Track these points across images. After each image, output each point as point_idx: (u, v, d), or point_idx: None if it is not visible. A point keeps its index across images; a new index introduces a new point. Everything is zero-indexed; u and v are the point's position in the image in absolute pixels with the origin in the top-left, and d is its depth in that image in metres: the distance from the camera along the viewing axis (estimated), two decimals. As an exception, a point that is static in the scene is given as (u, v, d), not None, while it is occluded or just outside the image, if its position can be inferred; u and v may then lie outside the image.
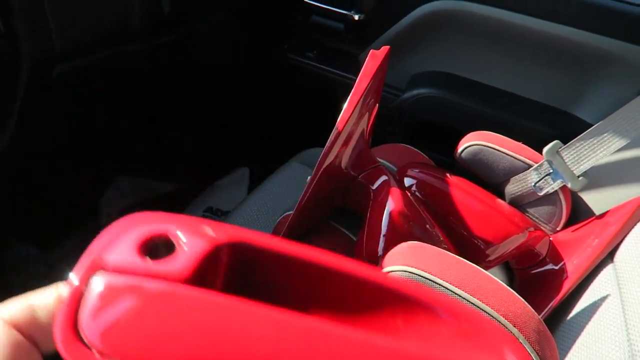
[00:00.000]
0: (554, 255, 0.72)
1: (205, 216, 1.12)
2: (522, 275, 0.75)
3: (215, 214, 1.10)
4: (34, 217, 1.06)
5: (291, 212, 0.65)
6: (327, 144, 0.57)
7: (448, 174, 0.75)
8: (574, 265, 0.68)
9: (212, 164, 1.29)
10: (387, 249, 0.52)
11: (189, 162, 1.26)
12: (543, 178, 0.73)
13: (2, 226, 1.02)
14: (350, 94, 0.59)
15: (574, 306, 0.66)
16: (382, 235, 0.55)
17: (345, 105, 0.58)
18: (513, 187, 0.76)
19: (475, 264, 0.70)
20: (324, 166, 0.57)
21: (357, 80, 0.59)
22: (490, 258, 0.68)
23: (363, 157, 0.63)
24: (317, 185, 0.58)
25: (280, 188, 0.85)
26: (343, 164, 0.60)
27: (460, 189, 0.72)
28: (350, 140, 0.59)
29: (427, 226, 0.62)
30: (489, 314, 0.43)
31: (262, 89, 1.22)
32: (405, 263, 0.47)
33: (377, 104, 0.65)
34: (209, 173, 1.27)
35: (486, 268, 0.70)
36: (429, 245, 0.49)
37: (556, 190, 0.73)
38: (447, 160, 0.85)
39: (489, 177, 0.79)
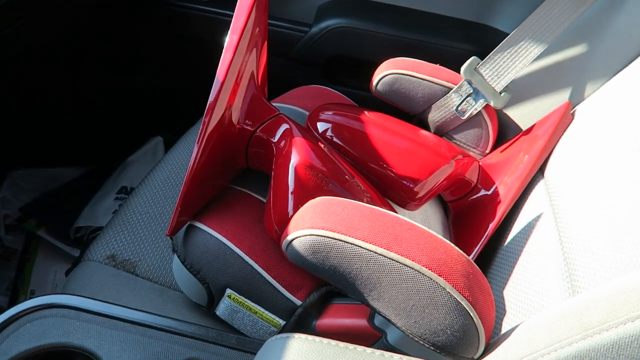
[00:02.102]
0: (486, 180, 0.68)
1: (118, 198, 1.00)
2: (456, 207, 0.71)
3: (129, 194, 0.99)
4: None
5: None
6: (209, 99, 0.48)
7: (366, 112, 0.68)
8: (506, 187, 0.64)
9: (120, 138, 1.16)
10: (296, 208, 0.45)
11: (92, 141, 1.13)
12: (465, 100, 0.68)
13: None
14: (228, 35, 0.49)
15: (510, 230, 0.63)
16: (290, 194, 0.48)
17: (223, 50, 0.49)
18: (435, 115, 0.71)
19: (405, 204, 0.65)
20: (210, 127, 0.48)
21: (233, 18, 0.49)
22: (420, 195, 0.62)
23: (258, 107, 0.54)
24: (208, 149, 0.49)
25: (188, 154, 0.75)
26: (235, 119, 0.51)
27: (379, 127, 0.65)
28: (237, 88, 0.50)
29: (346, 177, 0.55)
30: (409, 266, 0.38)
31: (151, 44, 1.07)
32: (312, 225, 0.40)
33: (266, 41, 0.55)
34: (119, 149, 1.14)
35: (417, 206, 0.64)
36: (335, 199, 0.42)
37: (480, 111, 0.68)
38: (368, 96, 0.78)
39: (410, 107, 0.72)
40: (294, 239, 0.40)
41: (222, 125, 0.50)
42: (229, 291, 0.48)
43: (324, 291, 0.50)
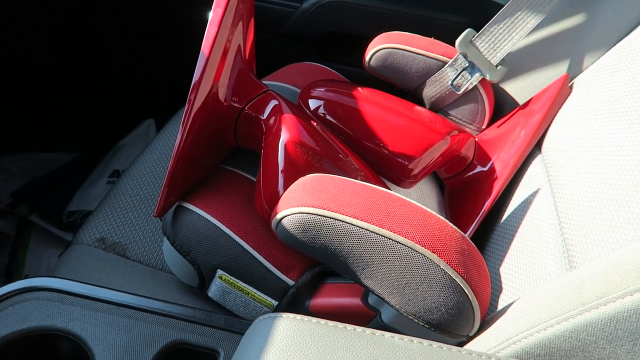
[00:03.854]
0: (482, 156, 0.67)
1: (110, 182, 0.99)
2: (452, 184, 0.69)
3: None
4: None
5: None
6: (194, 76, 0.46)
7: (359, 88, 0.66)
8: (502, 163, 0.63)
9: (112, 121, 1.14)
10: (287, 187, 0.44)
11: (83, 125, 1.11)
12: (460, 74, 0.66)
13: None
14: (212, 10, 0.47)
15: (507, 206, 0.62)
16: (279, 172, 0.47)
17: (207, 25, 0.47)
18: (430, 90, 0.69)
19: (400, 182, 0.64)
20: (195, 105, 0.46)
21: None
22: (415, 172, 0.61)
23: (246, 83, 0.52)
24: (195, 128, 0.48)
25: (176, 135, 0.74)
26: (222, 96, 0.50)
27: (373, 103, 0.63)
28: (223, 64, 0.48)
29: (339, 155, 0.53)
30: (402, 243, 0.37)
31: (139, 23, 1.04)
32: (301, 203, 0.39)
33: (253, 16, 0.53)
34: (111, 133, 1.12)
35: (412, 184, 0.63)
36: (326, 175, 0.41)
37: (475, 86, 0.67)
38: (361, 73, 0.76)
39: (404, 83, 0.71)
40: (283, 217, 0.39)
41: (208, 103, 0.49)
42: (219, 272, 0.47)
43: (316, 271, 0.49)
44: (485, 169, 0.66)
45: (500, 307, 0.50)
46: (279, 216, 0.40)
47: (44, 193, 1.01)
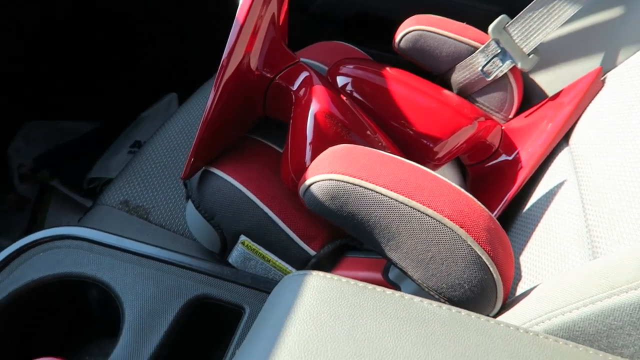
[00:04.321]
0: (508, 145, 0.66)
1: (132, 152, 1.00)
2: (475, 171, 0.69)
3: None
4: None
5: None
6: (228, 42, 0.46)
7: (388, 68, 0.66)
8: (528, 154, 0.63)
9: (136, 93, 1.14)
10: (314, 157, 0.44)
11: (106, 96, 1.11)
12: (491, 60, 0.65)
13: None
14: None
15: (530, 196, 0.61)
16: (308, 142, 0.47)
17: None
18: (459, 75, 0.68)
19: (424, 164, 0.64)
20: (227, 72, 0.46)
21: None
22: (439, 155, 0.61)
23: (278, 53, 0.52)
24: (226, 95, 0.48)
25: (202, 107, 0.74)
26: (254, 65, 0.50)
27: (401, 83, 0.63)
28: (257, 32, 0.48)
29: (368, 132, 0.53)
30: (430, 216, 0.37)
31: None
32: (331, 170, 0.39)
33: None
34: (133, 105, 1.13)
35: (436, 167, 0.63)
36: (356, 146, 0.41)
37: (506, 74, 0.66)
38: (389, 56, 0.76)
39: (433, 67, 0.70)
40: (312, 183, 0.39)
41: (240, 71, 0.49)
42: (242, 238, 0.47)
43: (338, 244, 0.49)
44: (510, 158, 0.65)
45: (519, 294, 0.50)
46: (307, 182, 0.40)
47: (66, 160, 1.02)
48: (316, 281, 0.28)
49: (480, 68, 0.65)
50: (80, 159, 1.02)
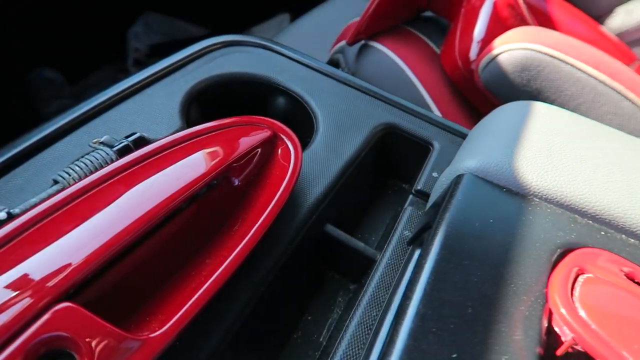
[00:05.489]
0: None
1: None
2: None
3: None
4: (58, 48, 0.97)
5: (357, 19, 0.55)
6: None
7: None
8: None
9: (249, 8, 1.15)
10: (488, 41, 0.42)
11: (223, 6, 1.13)
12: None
13: (26, 53, 0.94)
14: None
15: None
16: (480, 31, 0.45)
17: None
18: (618, 20, 0.64)
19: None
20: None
21: None
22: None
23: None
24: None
25: (333, 14, 0.73)
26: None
27: (565, 10, 0.60)
28: None
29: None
30: (631, 101, 0.35)
31: None
32: (525, 39, 0.37)
33: None
34: (246, 18, 1.14)
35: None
36: (546, 29, 0.39)
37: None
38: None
39: (590, 6, 0.66)
40: (501, 52, 0.38)
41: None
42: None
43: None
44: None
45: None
46: (495, 52, 0.38)
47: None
48: (543, 108, 0.27)
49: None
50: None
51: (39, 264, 0.17)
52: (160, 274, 0.21)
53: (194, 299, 0.19)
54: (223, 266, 0.20)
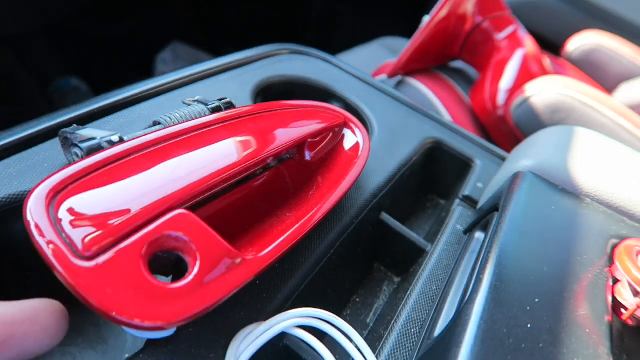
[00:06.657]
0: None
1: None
2: None
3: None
4: (87, 60, 1.01)
5: (392, 60, 0.59)
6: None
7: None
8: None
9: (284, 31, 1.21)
10: (509, 100, 0.46)
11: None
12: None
13: (53, 61, 0.98)
14: None
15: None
16: (504, 90, 0.49)
17: None
18: (621, 96, 0.70)
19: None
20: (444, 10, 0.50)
21: None
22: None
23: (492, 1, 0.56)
24: (434, 29, 0.52)
25: (362, 58, 0.79)
26: (469, 7, 0.53)
27: (581, 77, 0.65)
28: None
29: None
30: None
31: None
32: (559, 86, 0.41)
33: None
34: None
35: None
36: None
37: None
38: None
39: (599, 81, 0.72)
40: (534, 95, 0.42)
41: (454, 10, 0.52)
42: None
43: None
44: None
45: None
46: (528, 93, 0.42)
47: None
48: (584, 133, 0.30)
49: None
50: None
51: (162, 175, 0.18)
52: (249, 219, 0.22)
53: (287, 234, 0.20)
54: (307, 216, 0.22)
